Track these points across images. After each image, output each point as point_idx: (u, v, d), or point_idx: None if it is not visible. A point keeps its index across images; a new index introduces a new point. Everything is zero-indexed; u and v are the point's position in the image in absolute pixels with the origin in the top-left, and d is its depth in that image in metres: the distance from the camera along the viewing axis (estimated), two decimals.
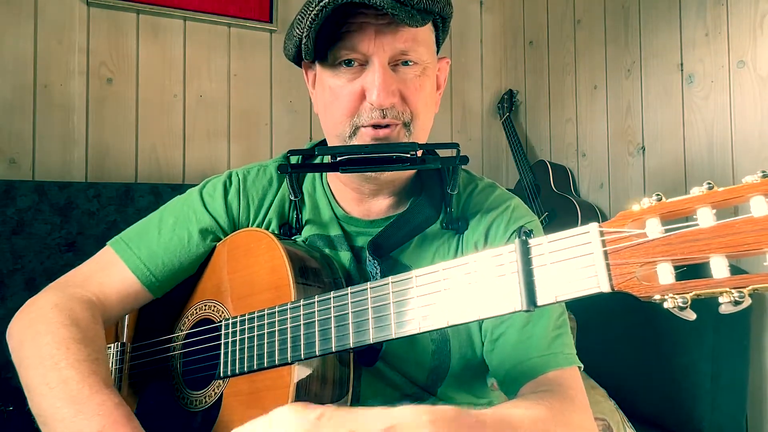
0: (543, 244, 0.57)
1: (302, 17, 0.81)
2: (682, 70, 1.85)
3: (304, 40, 0.82)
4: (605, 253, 0.53)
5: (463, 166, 0.92)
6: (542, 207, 2.17)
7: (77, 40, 1.93)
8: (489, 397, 1.00)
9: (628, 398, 1.67)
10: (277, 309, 0.79)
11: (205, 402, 0.86)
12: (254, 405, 0.79)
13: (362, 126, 0.84)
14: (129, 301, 0.92)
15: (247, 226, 0.95)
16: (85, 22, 1.95)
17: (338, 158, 0.83)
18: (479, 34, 2.66)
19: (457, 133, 2.58)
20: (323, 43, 0.84)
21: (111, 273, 0.91)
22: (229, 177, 0.98)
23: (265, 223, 0.96)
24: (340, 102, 0.85)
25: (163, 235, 0.93)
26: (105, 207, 1.75)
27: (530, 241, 0.59)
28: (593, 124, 2.22)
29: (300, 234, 0.95)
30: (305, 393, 0.76)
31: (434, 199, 0.93)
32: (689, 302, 0.49)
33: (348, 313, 0.71)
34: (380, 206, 0.95)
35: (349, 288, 0.71)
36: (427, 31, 0.88)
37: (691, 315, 0.50)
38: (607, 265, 0.53)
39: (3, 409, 1.42)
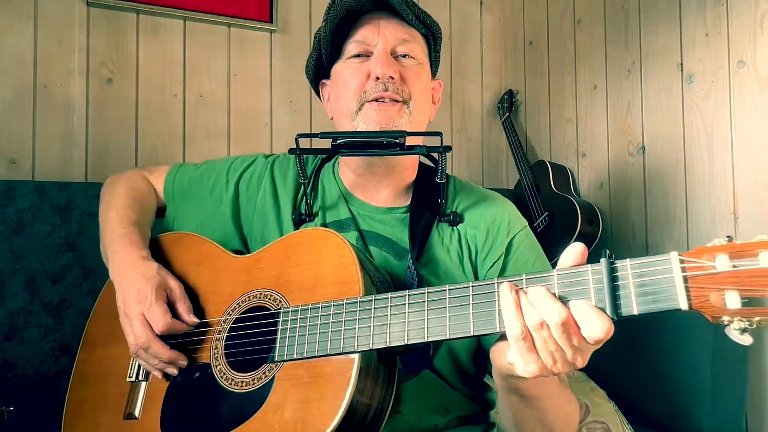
0: (626, 265, 0.67)
1: (322, 24, 1.01)
2: (682, 70, 1.85)
3: (323, 43, 1.02)
4: (685, 277, 0.63)
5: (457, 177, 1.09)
6: (542, 207, 2.17)
7: (77, 40, 1.93)
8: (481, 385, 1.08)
9: (628, 399, 1.67)
10: (345, 301, 0.84)
11: (253, 384, 0.89)
12: (312, 388, 0.83)
13: (367, 101, 0.98)
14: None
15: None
16: (85, 22, 1.95)
17: (338, 141, 0.94)
18: (479, 34, 2.66)
19: (457, 133, 2.58)
20: (338, 44, 1.03)
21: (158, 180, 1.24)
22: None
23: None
24: (349, 84, 1.01)
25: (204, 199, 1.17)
26: None
27: (616, 261, 0.67)
28: (593, 124, 2.22)
29: (312, 220, 1.07)
30: (363, 383, 0.81)
31: (428, 197, 1.05)
32: (754, 326, 0.59)
33: (425, 310, 0.78)
34: (380, 197, 1.07)
35: (426, 288, 0.79)
36: (421, 40, 1.05)
37: (747, 340, 0.60)
38: (686, 287, 0.63)
39: (3, 409, 1.42)
